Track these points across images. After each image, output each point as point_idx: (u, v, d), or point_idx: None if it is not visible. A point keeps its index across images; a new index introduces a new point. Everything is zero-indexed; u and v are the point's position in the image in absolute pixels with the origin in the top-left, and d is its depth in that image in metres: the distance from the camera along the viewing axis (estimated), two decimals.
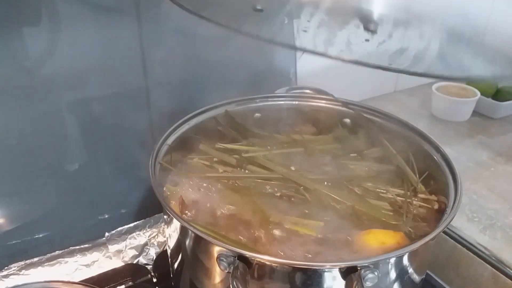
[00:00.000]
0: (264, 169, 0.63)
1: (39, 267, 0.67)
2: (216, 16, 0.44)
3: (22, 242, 0.70)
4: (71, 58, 0.66)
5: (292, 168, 0.63)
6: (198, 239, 0.50)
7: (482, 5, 0.47)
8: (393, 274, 0.49)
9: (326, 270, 0.45)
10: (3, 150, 0.65)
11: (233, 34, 0.45)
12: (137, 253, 0.71)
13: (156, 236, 0.73)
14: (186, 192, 0.59)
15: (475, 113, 1.03)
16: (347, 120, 0.71)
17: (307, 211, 0.57)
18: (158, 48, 0.72)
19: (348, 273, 0.44)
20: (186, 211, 0.57)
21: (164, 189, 0.59)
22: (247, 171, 0.63)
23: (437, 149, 0.61)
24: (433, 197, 0.59)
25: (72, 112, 0.69)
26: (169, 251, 0.60)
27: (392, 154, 0.65)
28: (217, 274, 0.49)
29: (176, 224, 0.53)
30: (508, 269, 0.63)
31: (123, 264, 0.70)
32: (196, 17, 0.43)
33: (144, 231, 0.73)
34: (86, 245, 0.70)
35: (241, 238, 0.53)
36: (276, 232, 0.54)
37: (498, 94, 1.06)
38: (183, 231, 0.52)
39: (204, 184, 0.60)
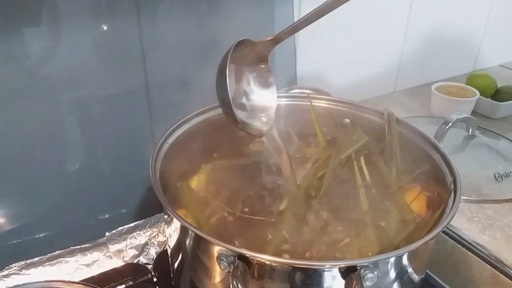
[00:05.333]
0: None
1: (40, 267, 0.67)
2: None
3: (22, 242, 0.70)
4: (71, 58, 0.66)
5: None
6: (198, 239, 0.50)
7: None
8: (392, 274, 0.49)
9: (326, 269, 0.45)
10: (3, 150, 0.65)
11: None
12: (138, 253, 0.71)
13: (157, 236, 0.73)
14: (187, 191, 0.59)
15: (474, 113, 1.03)
16: (347, 121, 0.71)
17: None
18: (158, 48, 0.72)
19: (348, 272, 0.44)
20: (186, 211, 0.58)
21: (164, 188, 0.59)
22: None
23: (436, 149, 0.61)
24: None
25: (73, 112, 0.69)
26: (169, 251, 0.60)
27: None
28: (217, 273, 0.49)
29: (176, 224, 0.53)
30: (507, 268, 0.63)
31: (123, 263, 0.70)
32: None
33: (145, 230, 0.73)
34: (87, 245, 0.70)
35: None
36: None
37: (497, 94, 1.05)
38: (183, 231, 0.52)
39: (205, 184, 0.61)
